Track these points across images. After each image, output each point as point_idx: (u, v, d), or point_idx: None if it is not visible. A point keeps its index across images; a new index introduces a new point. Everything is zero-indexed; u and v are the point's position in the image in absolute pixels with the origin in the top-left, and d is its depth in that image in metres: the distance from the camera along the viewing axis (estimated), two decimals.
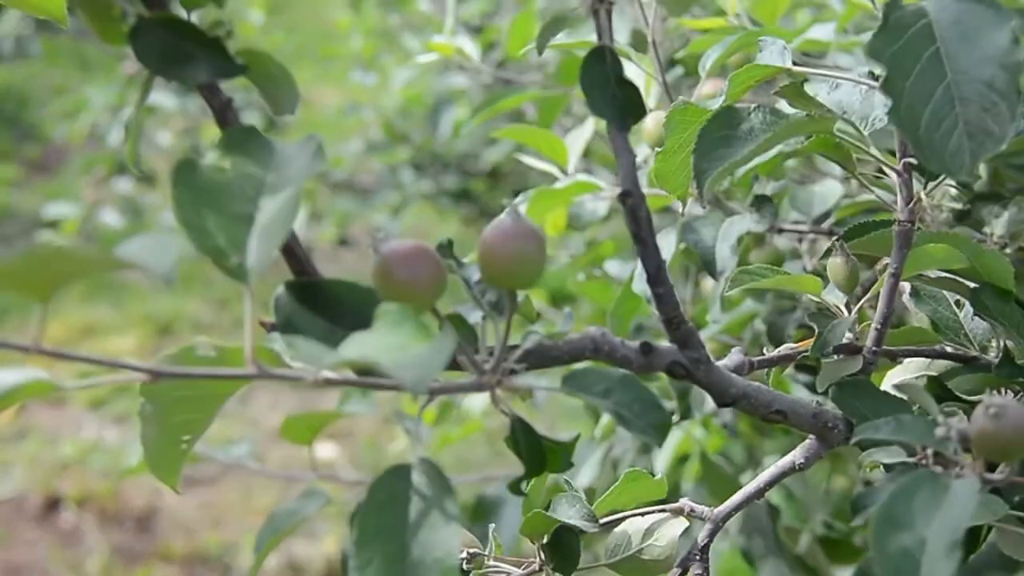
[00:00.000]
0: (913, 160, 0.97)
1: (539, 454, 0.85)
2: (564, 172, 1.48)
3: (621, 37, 1.62)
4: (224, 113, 0.73)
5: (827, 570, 1.88)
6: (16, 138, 7.69)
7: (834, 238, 1.12)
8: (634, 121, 0.82)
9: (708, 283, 1.73)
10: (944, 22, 0.81)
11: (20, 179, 7.38)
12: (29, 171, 7.51)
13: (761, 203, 1.29)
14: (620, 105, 0.82)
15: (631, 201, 0.82)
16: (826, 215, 1.40)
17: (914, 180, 1.00)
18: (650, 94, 1.41)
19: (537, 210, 1.41)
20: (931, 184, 1.05)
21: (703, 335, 1.36)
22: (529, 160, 1.55)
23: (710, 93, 1.43)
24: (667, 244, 1.25)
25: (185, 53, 0.71)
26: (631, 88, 0.81)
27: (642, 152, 1.32)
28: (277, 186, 0.68)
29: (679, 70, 1.79)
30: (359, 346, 0.62)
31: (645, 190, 0.95)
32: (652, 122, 1.36)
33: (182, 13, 0.73)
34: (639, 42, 1.42)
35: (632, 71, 1.41)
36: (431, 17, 3.49)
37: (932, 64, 0.80)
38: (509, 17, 2.95)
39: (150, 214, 5.39)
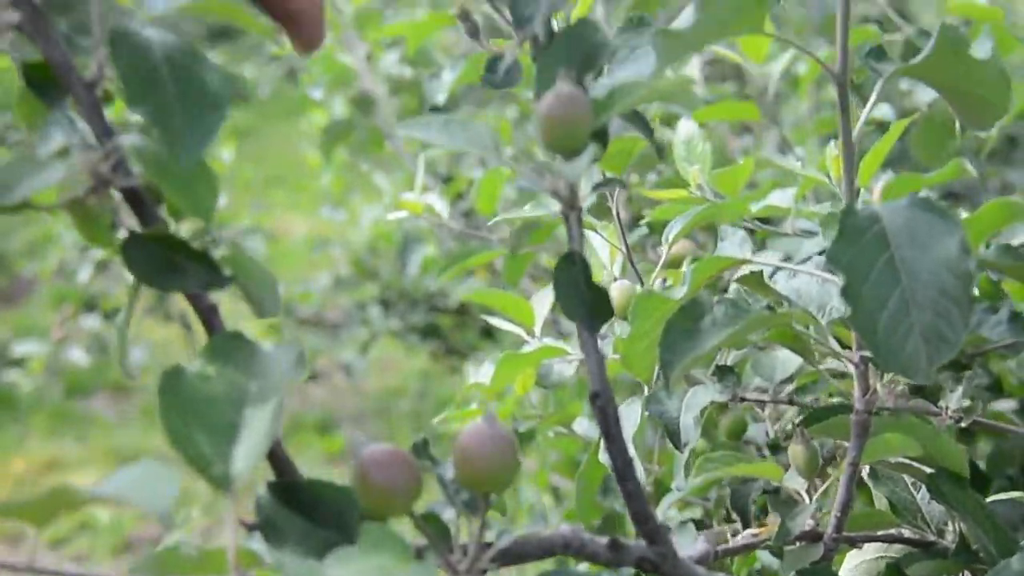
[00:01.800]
0: (868, 354, 0.98)
1: None
2: (532, 334, 1.49)
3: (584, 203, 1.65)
4: (210, 318, 0.74)
5: None
6: None
7: (795, 423, 1.14)
8: (602, 323, 0.84)
9: None
10: (897, 228, 0.83)
11: None
12: None
13: (724, 373, 1.30)
14: (589, 308, 0.84)
15: (600, 401, 0.84)
16: (790, 379, 1.41)
17: (870, 371, 1.01)
18: (614, 262, 1.42)
19: (505, 373, 1.42)
20: (887, 376, 1.07)
21: (670, 499, 1.38)
22: (496, 322, 1.56)
23: (677, 255, 1.46)
24: (632, 415, 1.26)
25: (175, 266, 0.72)
26: (599, 292, 0.84)
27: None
28: (260, 395, 0.69)
29: (643, 230, 1.81)
30: (344, 570, 0.63)
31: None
32: (617, 291, 1.37)
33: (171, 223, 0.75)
34: (602, 210, 1.44)
35: (597, 241, 1.43)
36: (400, 159, 3.51)
37: (887, 270, 0.82)
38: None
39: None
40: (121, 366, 0.87)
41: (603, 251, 1.42)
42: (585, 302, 0.84)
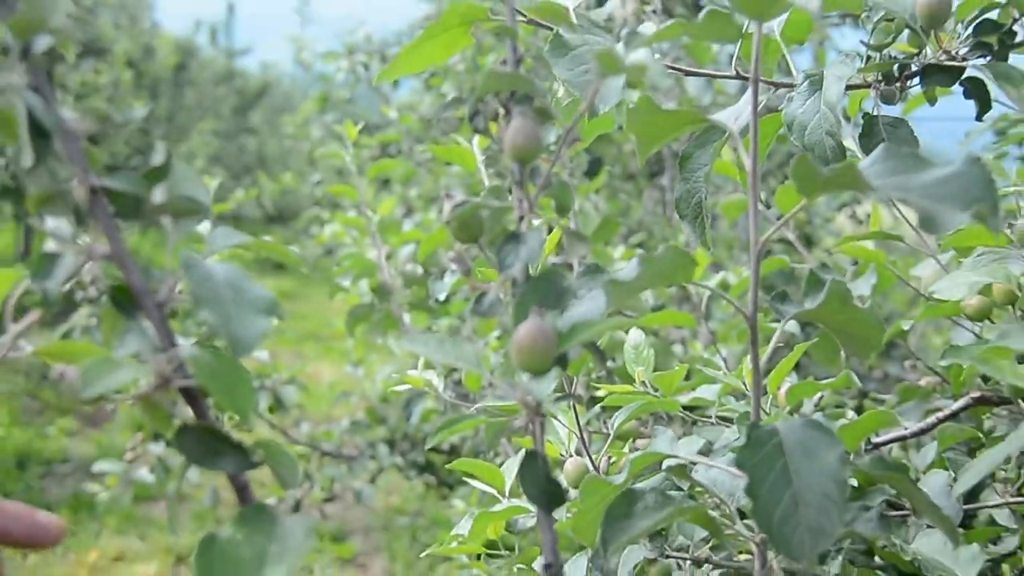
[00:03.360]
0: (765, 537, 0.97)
1: None
2: (503, 495, 1.48)
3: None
4: (242, 492, 0.74)
5: None
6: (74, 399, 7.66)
7: None
8: (556, 507, 0.84)
9: None
10: (791, 443, 0.83)
11: (75, 430, 7.30)
12: (83, 423, 7.44)
13: (654, 535, 1.29)
14: (548, 496, 0.84)
15: (552, 570, 0.84)
16: (706, 539, 1.40)
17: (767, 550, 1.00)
18: (571, 443, 1.42)
19: (480, 527, 1.41)
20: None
21: None
22: (476, 484, 1.55)
23: (625, 432, 1.46)
24: (579, 569, 1.25)
25: (217, 451, 0.72)
26: (555, 484, 0.84)
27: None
28: (279, 556, 0.69)
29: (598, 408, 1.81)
30: None
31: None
32: (571, 466, 1.37)
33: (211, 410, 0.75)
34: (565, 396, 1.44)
35: (557, 425, 1.43)
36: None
37: (782, 475, 0.82)
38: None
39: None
40: (170, 503, 0.86)
41: (562, 432, 1.42)
42: (544, 492, 0.84)
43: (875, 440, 1.41)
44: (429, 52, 0.94)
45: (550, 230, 1.17)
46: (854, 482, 1.15)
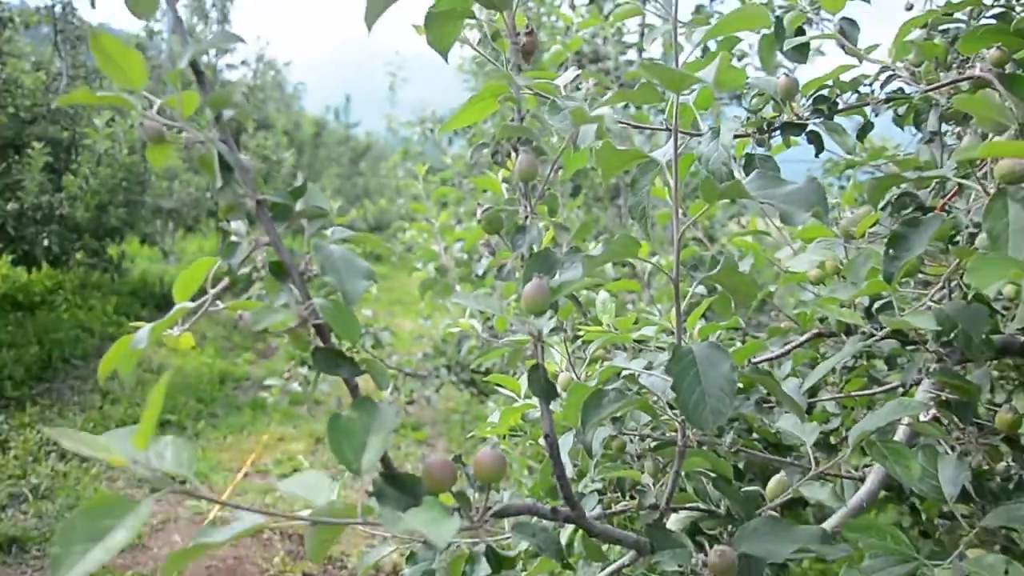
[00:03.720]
0: (683, 418, 0.97)
1: (497, 557, 0.85)
2: (519, 397, 1.48)
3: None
4: (354, 390, 0.75)
5: None
6: (253, 339, 7.70)
7: (650, 447, 1.12)
8: (551, 400, 0.85)
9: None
10: (700, 357, 0.83)
11: (253, 360, 7.34)
12: (258, 356, 7.48)
13: (615, 420, 1.29)
14: (546, 392, 0.84)
15: (549, 439, 0.84)
16: (647, 424, 1.39)
17: (685, 426, 1.00)
18: (563, 363, 1.42)
19: (506, 418, 1.41)
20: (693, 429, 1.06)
21: (584, 483, 1.35)
22: (501, 390, 1.54)
23: (595, 357, 1.46)
24: (567, 442, 1.21)
25: (337, 363, 0.73)
26: (551, 385, 0.84)
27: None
28: (377, 428, 0.69)
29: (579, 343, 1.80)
30: (412, 519, 0.63)
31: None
32: (563, 377, 1.37)
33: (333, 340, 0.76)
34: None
35: (555, 353, 1.43)
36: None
37: (695, 378, 0.82)
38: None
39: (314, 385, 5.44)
40: (308, 403, 0.87)
41: (557, 356, 1.42)
42: (544, 389, 0.84)
43: (754, 360, 1.41)
44: (471, 113, 0.94)
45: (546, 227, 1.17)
46: (741, 384, 1.15)
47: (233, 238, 0.74)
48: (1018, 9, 1.33)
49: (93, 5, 9.20)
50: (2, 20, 6.48)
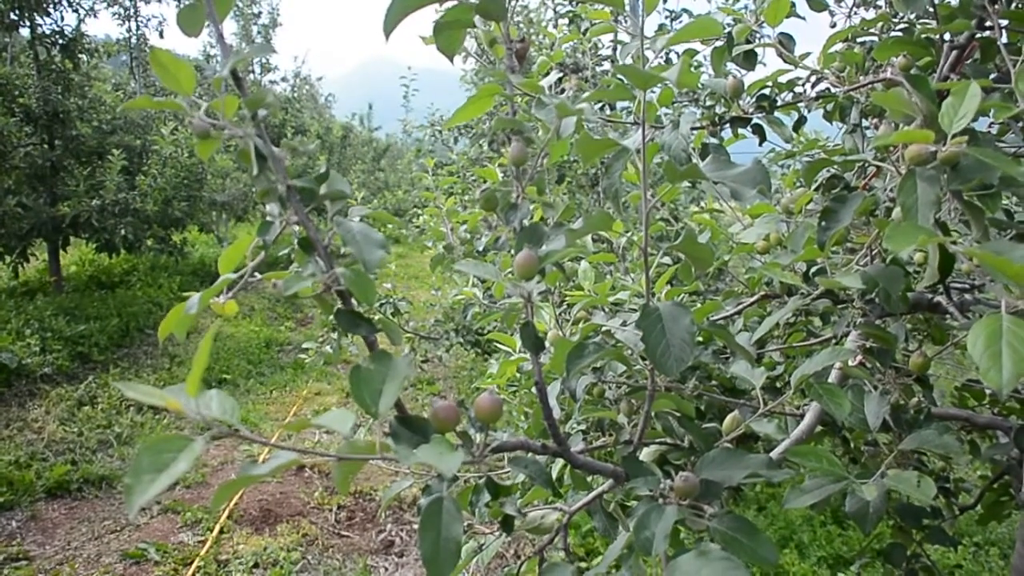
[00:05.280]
0: (651, 366, 0.95)
1: (496, 486, 0.84)
2: (515, 351, 1.47)
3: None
4: (372, 346, 0.73)
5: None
6: (293, 310, 7.68)
7: (625, 392, 1.10)
8: (539, 352, 0.83)
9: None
10: (665, 314, 0.81)
11: (293, 327, 7.32)
12: (297, 324, 7.46)
13: (596, 370, 1.28)
14: (535, 345, 0.83)
15: (539, 386, 0.82)
16: (623, 373, 1.38)
17: (654, 372, 0.99)
18: (551, 320, 1.40)
19: (504, 369, 1.40)
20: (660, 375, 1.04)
21: (569, 424, 1.34)
22: (502, 346, 1.53)
23: (578, 317, 1.44)
24: (555, 389, 1.19)
25: (357, 323, 0.71)
26: (539, 339, 0.82)
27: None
28: (392, 376, 0.68)
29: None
30: (422, 454, 0.62)
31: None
32: (551, 335, 1.36)
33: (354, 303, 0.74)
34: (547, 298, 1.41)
35: (544, 314, 1.41)
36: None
37: (660, 331, 0.80)
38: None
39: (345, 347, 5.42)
40: (336, 355, 0.85)
41: (546, 316, 1.40)
42: (534, 344, 0.82)
43: (712, 317, 1.39)
44: (470, 110, 0.91)
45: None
46: (701, 338, 1.14)
47: (267, 218, 0.72)
48: (919, 25, 1.35)
49: (162, 36, 9.11)
50: (90, 51, 6.73)
